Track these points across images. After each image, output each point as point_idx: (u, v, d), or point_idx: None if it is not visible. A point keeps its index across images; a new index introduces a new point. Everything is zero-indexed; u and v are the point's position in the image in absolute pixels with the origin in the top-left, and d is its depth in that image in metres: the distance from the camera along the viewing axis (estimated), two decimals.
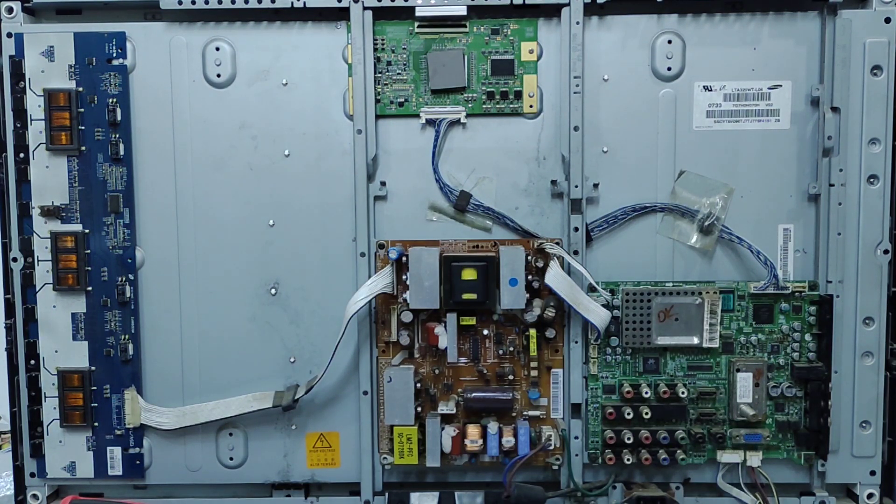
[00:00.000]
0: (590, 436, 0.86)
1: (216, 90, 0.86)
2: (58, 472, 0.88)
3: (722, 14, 0.84)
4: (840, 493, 0.88)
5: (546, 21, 0.85)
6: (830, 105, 0.83)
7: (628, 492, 0.86)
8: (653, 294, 0.84)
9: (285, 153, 0.86)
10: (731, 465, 0.86)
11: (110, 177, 0.86)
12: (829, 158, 0.84)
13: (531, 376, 0.86)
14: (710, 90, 0.85)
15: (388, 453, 0.86)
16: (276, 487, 0.90)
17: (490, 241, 0.85)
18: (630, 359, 0.86)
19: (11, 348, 0.88)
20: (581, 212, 0.85)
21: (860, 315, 0.85)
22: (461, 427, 0.86)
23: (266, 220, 0.87)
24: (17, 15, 0.85)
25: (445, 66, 0.84)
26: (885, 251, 0.84)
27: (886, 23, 0.83)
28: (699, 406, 0.86)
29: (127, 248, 0.86)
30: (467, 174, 0.87)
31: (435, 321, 0.85)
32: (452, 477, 0.89)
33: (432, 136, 0.86)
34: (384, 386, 0.85)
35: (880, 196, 0.84)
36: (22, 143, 0.85)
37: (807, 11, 0.84)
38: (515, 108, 0.86)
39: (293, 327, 0.88)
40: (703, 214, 0.85)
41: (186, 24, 0.86)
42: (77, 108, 0.85)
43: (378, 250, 0.85)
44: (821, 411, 0.83)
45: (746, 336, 0.85)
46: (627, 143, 0.85)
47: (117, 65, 0.85)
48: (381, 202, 0.87)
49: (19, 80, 0.85)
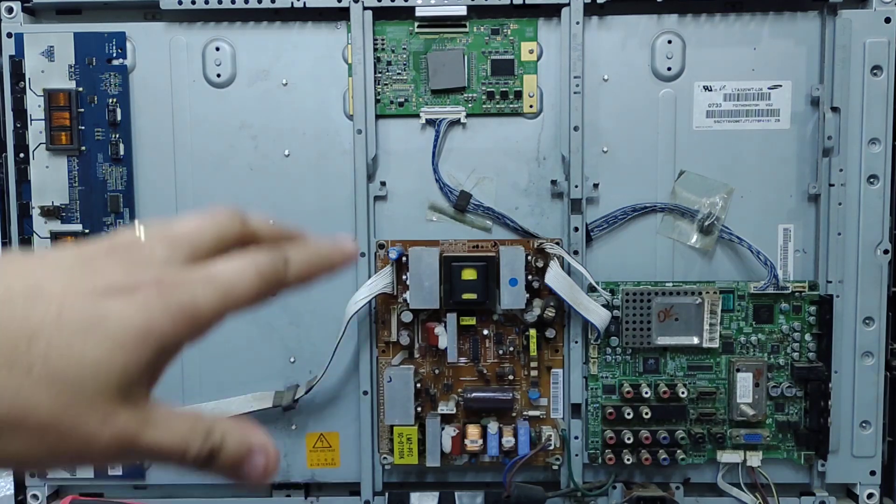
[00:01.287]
0: (590, 436, 0.86)
1: (216, 90, 0.86)
2: (58, 471, 0.88)
3: (722, 14, 0.84)
4: (840, 493, 0.88)
5: (546, 21, 0.85)
6: (830, 105, 0.83)
7: (628, 492, 0.86)
8: (653, 294, 0.84)
9: (285, 153, 0.86)
10: (731, 465, 0.86)
11: (110, 177, 0.86)
12: (829, 158, 0.84)
13: (531, 376, 0.86)
14: (710, 90, 0.85)
15: (388, 453, 0.86)
16: (276, 487, 0.90)
17: (490, 241, 0.85)
18: (630, 359, 0.86)
19: None
20: (581, 212, 0.85)
21: (860, 315, 0.85)
22: (461, 427, 0.86)
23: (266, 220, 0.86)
24: (17, 15, 0.85)
25: (445, 66, 0.84)
26: (885, 251, 0.84)
27: (886, 23, 0.83)
28: (699, 406, 0.86)
29: None
30: (467, 174, 0.87)
31: (435, 321, 0.85)
32: (452, 477, 0.89)
33: (432, 136, 0.86)
34: (384, 386, 0.85)
35: (880, 196, 0.84)
36: (22, 143, 0.85)
37: (807, 11, 0.84)
38: (515, 108, 0.86)
39: (293, 327, 0.88)
40: (703, 214, 0.85)
41: (186, 24, 0.86)
42: (77, 108, 0.85)
43: (378, 250, 0.85)
44: (821, 411, 0.83)
45: (746, 336, 0.85)
46: (627, 143, 0.85)
47: (117, 65, 0.85)
48: (381, 202, 0.87)
49: (19, 80, 0.85)
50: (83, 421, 0.25)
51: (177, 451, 0.27)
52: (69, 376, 0.25)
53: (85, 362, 0.25)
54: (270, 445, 0.31)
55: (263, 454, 0.30)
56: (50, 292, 0.25)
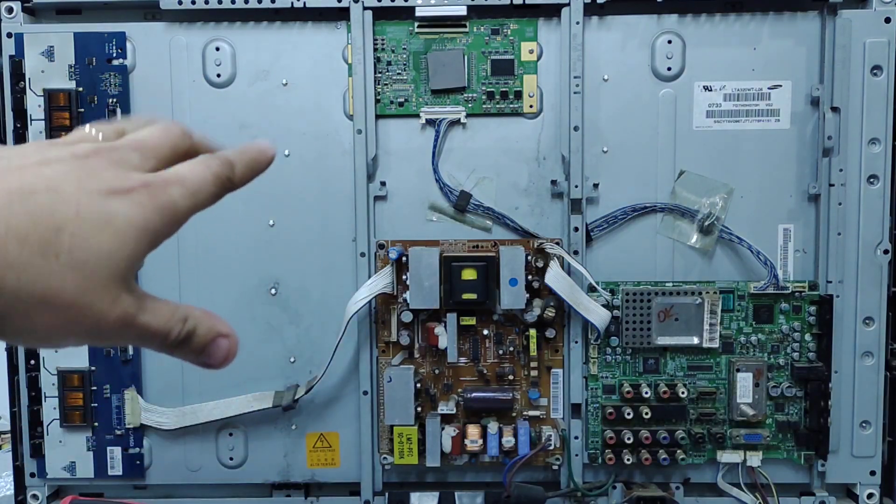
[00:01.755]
0: (590, 436, 0.86)
1: (216, 90, 0.86)
2: (58, 472, 0.88)
3: (722, 14, 0.84)
4: (840, 493, 0.88)
5: (546, 21, 0.85)
6: (830, 105, 0.83)
7: (628, 492, 0.86)
8: (653, 294, 0.84)
9: (285, 153, 0.86)
10: (731, 465, 0.86)
11: None
12: (829, 158, 0.84)
13: (531, 376, 0.86)
14: (710, 90, 0.85)
15: (388, 453, 0.87)
16: (276, 487, 0.90)
17: (490, 241, 0.85)
18: (630, 359, 0.86)
19: (11, 348, 0.88)
20: (581, 212, 0.85)
21: (860, 315, 0.85)
22: (461, 427, 0.86)
23: (266, 221, 0.87)
24: (17, 15, 0.85)
25: (445, 66, 0.84)
26: (885, 251, 0.84)
27: (886, 23, 0.83)
28: (699, 406, 0.86)
29: None
30: (467, 174, 0.87)
31: (435, 321, 0.85)
32: (452, 477, 0.89)
33: (432, 136, 0.86)
34: (384, 386, 0.85)
35: (880, 196, 0.84)
36: (22, 143, 0.85)
37: (807, 11, 0.84)
38: (515, 108, 0.86)
39: (293, 327, 0.88)
40: (703, 214, 0.85)
41: (186, 24, 0.86)
42: (77, 108, 0.85)
43: (378, 250, 0.85)
44: (821, 411, 0.83)
45: (746, 336, 0.85)
46: (627, 143, 0.85)
47: (117, 65, 0.85)
48: (381, 202, 0.87)
49: (19, 80, 0.85)
50: (98, 300, 0.30)
51: (162, 332, 0.33)
52: (89, 264, 0.29)
53: (101, 253, 0.30)
54: (234, 333, 0.36)
55: (227, 339, 0.35)
56: (66, 191, 0.29)
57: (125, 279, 0.31)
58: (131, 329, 0.32)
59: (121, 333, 0.31)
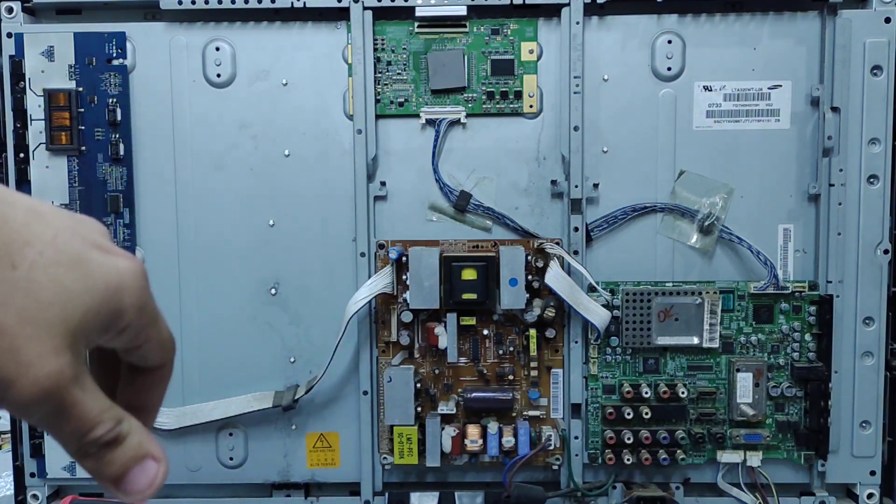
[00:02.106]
0: (590, 436, 0.86)
1: (216, 90, 0.86)
2: (58, 472, 0.88)
3: (722, 14, 0.84)
4: (840, 493, 0.88)
5: (546, 21, 0.85)
6: (830, 105, 0.83)
7: (628, 492, 0.86)
8: (653, 294, 0.84)
9: (285, 153, 0.86)
10: (731, 465, 0.86)
11: (110, 177, 0.86)
12: (829, 158, 0.84)
13: (531, 376, 0.86)
14: (710, 90, 0.85)
15: (388, 453, 0.87)
16: (276, 487, 0.90)
17: (490, 241, 0.85)
18: (630, 359, 0.86)
19: None
20: (581, 212, 0.85)
21: (860, 315, 0.85)
22: (461, 427, 0.86)
23: (266, 220, 0.87)
24: (17, 15, 0.85)
25: (445, 66, 0.85)
26: (885, 251, 0.84)
27: (886, 23, 0.83)
28: (699, 406, 0.86)
29: (127, 248, 0.86)
30: (467, 174, 0.87)
31: (435, 321, 0.85)
32: (452, 477, 0.89)
33: (432, 136, 0.86)
34: (384, 386, 0.85)
35: (880, 196, 0.84)
36: (22, 143, 0.85)
37: (807, 11, 0.84)
38: (515, 108, 0.86)
39: (293, 327, 0.88)
40: (703, 214, 0.85)
41: (186, 24, 0.86)
42: (77, 108, 0.85)
43: (378, 250, 0.85)
44: (821, 411, 0.83)
45: (746, 336, 0.85)
46: (627, 143, 0.85)
47: (117, 65, 0.85)
48: (381, 202, 0.87)
49: (19, 80, 0.85)
50: (36, 340, 0.25)
51: (88, 422, 0.27)
52: (45, 292, 0.26)
53: (61, 288, 0.26)
54: (166, 459, 0.31)
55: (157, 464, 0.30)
56: (49, 220, 0.27)
57: (74, 336, 0.26)
58: (54, 398, 0.26)
59: (38, 399, 0.26)
